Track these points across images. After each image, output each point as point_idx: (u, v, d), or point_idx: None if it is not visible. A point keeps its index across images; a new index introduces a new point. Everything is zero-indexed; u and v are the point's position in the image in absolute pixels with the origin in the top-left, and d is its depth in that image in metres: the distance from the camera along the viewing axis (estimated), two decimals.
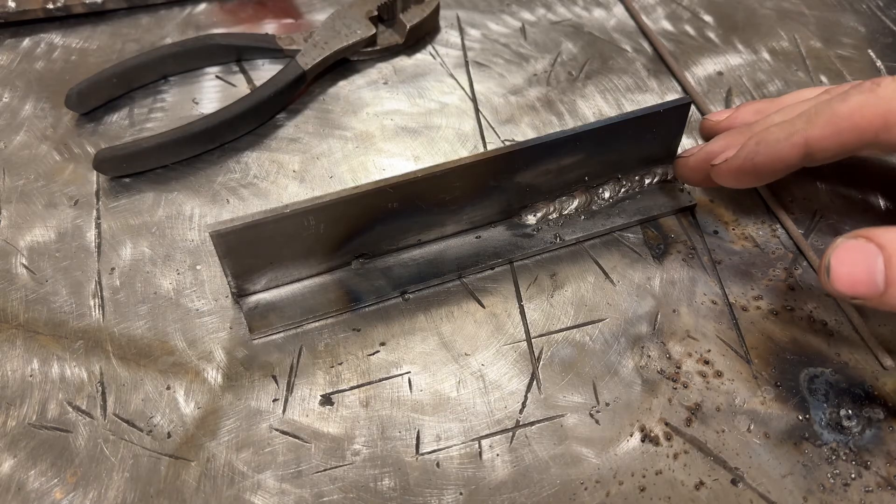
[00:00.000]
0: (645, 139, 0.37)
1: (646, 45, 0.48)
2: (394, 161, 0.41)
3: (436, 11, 0.48)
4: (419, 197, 0.34)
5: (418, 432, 0.31)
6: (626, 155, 0.38)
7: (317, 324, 0.34)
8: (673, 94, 0.45)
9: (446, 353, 0.34)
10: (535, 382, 0.33)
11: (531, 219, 0.38)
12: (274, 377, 0.33)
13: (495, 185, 0.35)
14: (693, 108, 0.42)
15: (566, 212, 0.38)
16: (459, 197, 0.35)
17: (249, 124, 0.42)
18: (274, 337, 0.34)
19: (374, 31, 0.45)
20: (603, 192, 0.38)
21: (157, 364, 0.33)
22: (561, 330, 0.34)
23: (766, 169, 0.31)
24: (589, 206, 0.38)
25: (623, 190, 0.39)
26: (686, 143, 0.42)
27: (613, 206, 0.39)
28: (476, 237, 0.37)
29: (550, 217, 0.38)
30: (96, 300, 0.35)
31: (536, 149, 0.34)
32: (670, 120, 0.37)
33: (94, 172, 0.40)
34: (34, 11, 0.46)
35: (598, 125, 0.35)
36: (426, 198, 0.34)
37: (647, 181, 0.39)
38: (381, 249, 0.36)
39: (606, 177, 0.38)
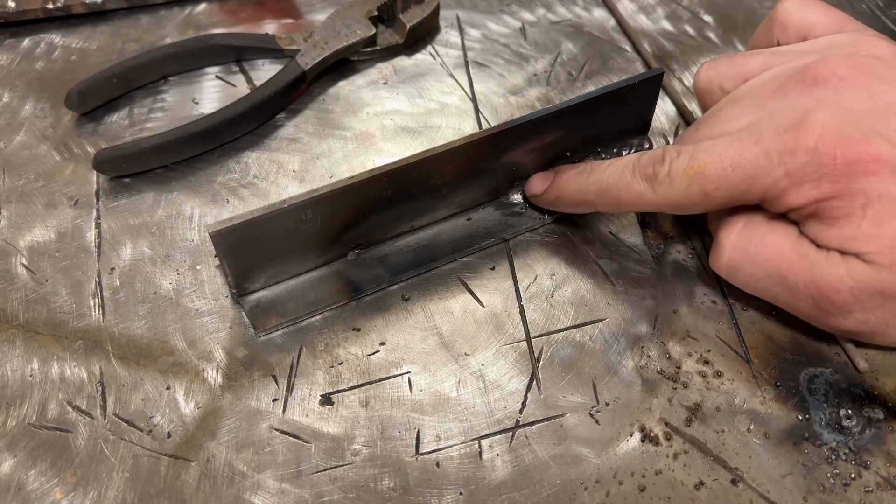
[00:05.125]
0: (621, 112, 0.38)
1: (646, 44, 0.48)
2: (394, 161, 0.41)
3: (436, 11, 0.48)
4: (411, 183, 0.34)
5: (418, 432, 0.31)
6: (604, 128, 0.39)
7: (317, 322, 0.34)
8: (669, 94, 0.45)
9: (446, 353, 0.34)
10: (535, 382, 0.33)
11: (518, 197, 0.39)
12: (274, 377, 0.33)
13: (484, 166, 0.36)
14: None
15: None
16: (450, 181, 0.35)
17: (249, 124, 0.42)
18: (274, 336, 0.34)
19: (374, 31, 0.45)
20: None
21: (157, 364, 0.33)
22: (561, 330, 0.34)
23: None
24: None
25: None
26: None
27: None
28: (467, 219, 0.38)
29: None
30: (96, 300, 0.35)
31: (521, 127, 0.35)
32: (644, 92, 0.38)
33: (94, 172, 0.40)
34: (34, 11, 0.46)
35: (578, 101, 0.36)
36: (418, 183, 0.34)
37: (624, 153, 0.40)
38: (375, 239, 0.36)
39: (587, 151, 0.39)
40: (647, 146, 0.41)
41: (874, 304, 0.29)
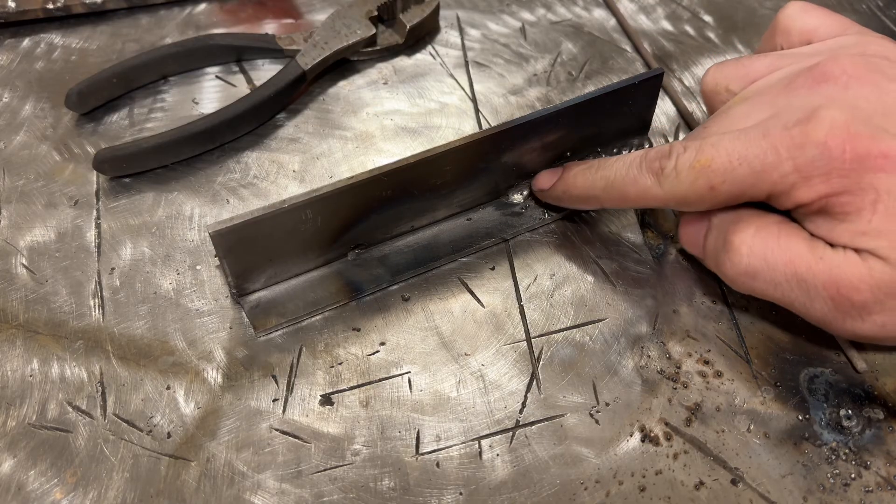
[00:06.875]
0: (621, 112, 0.38)
1: (646, 44, 0.48)
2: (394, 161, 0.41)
3: (436, 11, 0.48)
4: (411, 183, 0.34)
5: (418, 432, 0.31)
6: (605, 128, 0.39)
7: (317, 322, 0.34)
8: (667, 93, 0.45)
9: (446, 353, 0.34)
10: (535, 382, 0.33)
11: (518, 197, 0.39)
12: (274, 377, 0.33)
13: (484, 166, 0.36)
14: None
15: None
16: (450, 181, 0.35)
17: (249, 124, 0.42)
18: (274, 336, 0.34)
19: (374, 31, 0.45)
20: None
21: (157, 364, 0.33)
22: (561, 330, 0.34)
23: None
24: None
25: None
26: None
27: None
28: (467, 219, 0.38)
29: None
30: (96, 300, 0.35)
31: (521, 127, 0.35)
32: (644, 92, 0.38)
33: (94, 172, 0.40)
34: (34, 11, 0.46)
35: (578, 101, 0.36)
36: (418, 183, 0.34)
37: (624, 153, 0.40)
38: (375, 239, 0.36)
39: (587, 151, 0.39)
40: (647, 146, 0.41)
41: (894, 304, 0.28)
